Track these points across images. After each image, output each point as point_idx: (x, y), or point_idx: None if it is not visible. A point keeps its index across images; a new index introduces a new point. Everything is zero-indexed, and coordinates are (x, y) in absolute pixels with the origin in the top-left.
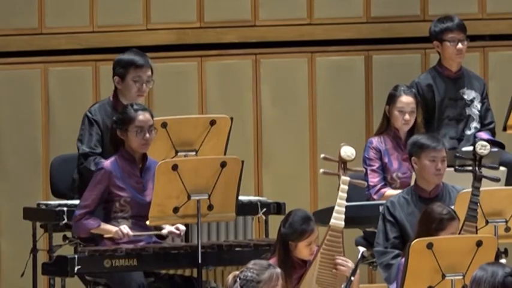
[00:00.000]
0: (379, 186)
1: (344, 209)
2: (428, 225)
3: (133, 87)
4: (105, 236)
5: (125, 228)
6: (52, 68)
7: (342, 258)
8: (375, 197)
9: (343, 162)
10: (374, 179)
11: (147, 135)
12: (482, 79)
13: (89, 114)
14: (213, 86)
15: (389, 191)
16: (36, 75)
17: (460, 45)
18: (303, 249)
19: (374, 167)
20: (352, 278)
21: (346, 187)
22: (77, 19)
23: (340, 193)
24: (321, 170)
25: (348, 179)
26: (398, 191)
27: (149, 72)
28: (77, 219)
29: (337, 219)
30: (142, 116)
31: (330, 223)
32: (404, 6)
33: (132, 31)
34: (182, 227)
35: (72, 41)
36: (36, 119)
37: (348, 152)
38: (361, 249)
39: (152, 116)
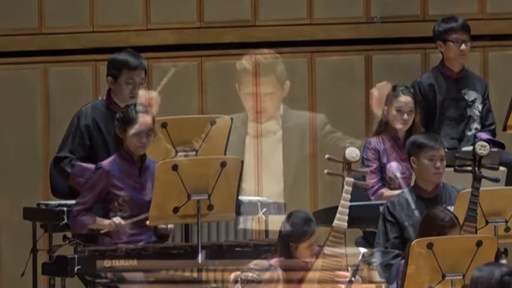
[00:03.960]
0: (376, 187)
1: (347, 210)
2: (429, 229)
3: (125, 88)
4: (102, 231)
5: (117, 219)
6: (52, 68)
7: (341, 274)
8: (372, 198)
9: (347, 163)
10: (371, 180)
11: (144, 139)
12: (484, 80)
13: (79, 116)
14: (213, 86)
15: (387, 192)
16: (36, 75)
17: (463, 46)
18: (304, 251)
19: (372, 168)
20: (353, 279)
21: (350, 188)
22: (77, 19)
23: (344, 194)
24: (326, 171)
25: (352, 180)
26: (396, 192)
27: (143, 74)
28: (74, 216)
29: (341, 220)
30: (142, 120)
31: (333, 224)
32: (404, 6)
33: (132, 31)
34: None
35: (72, 41)
36: (36, 119)
37: (352, 153)
38: (362, 250)
39: (154, 120)
